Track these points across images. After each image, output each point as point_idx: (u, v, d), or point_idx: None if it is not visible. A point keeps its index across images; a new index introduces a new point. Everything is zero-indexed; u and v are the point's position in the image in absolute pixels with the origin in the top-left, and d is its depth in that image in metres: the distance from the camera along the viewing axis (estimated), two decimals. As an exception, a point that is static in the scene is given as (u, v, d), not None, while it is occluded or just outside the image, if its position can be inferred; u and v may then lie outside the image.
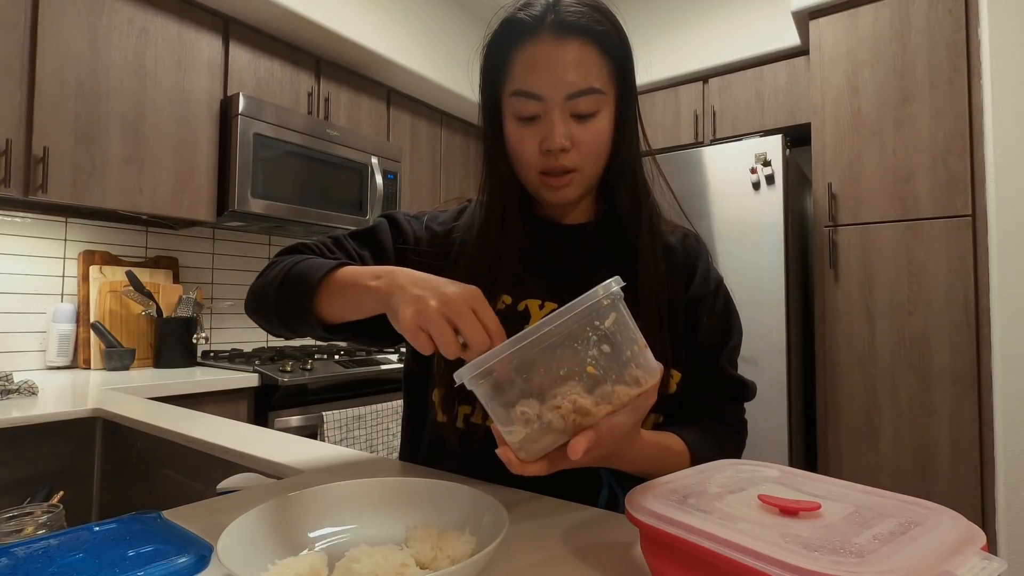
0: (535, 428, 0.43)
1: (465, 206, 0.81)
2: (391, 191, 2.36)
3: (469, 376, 0.43)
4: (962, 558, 0.29)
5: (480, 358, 0.42)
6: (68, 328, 1.79)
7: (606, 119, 0.66)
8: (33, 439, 1.10)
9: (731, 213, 2.20)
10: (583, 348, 0.43)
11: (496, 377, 0.43)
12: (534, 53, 0.64)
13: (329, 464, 0.73)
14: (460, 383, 0.43)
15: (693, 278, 0.73)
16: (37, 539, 0.44)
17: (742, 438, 0.74)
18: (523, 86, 0.64)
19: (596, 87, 0.64)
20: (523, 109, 0.65)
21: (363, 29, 2.22)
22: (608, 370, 0.44)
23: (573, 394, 0.43)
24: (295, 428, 1.71)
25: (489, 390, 0.44)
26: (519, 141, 0.67)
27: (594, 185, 0.72)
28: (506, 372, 0.43)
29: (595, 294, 0.43)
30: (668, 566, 0.38)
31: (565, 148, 0.64)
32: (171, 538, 0.45)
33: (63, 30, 1.58)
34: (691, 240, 0.78)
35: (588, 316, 0.43)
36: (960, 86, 1.87)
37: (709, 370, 0.71)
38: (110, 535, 0.46)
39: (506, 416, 0.44)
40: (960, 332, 1.83)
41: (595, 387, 0.43)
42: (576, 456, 0.42)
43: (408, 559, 0.41)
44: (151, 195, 1.76)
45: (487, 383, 0.43)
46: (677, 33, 2.65)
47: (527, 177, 0.69)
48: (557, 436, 0.44)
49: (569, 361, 0.43)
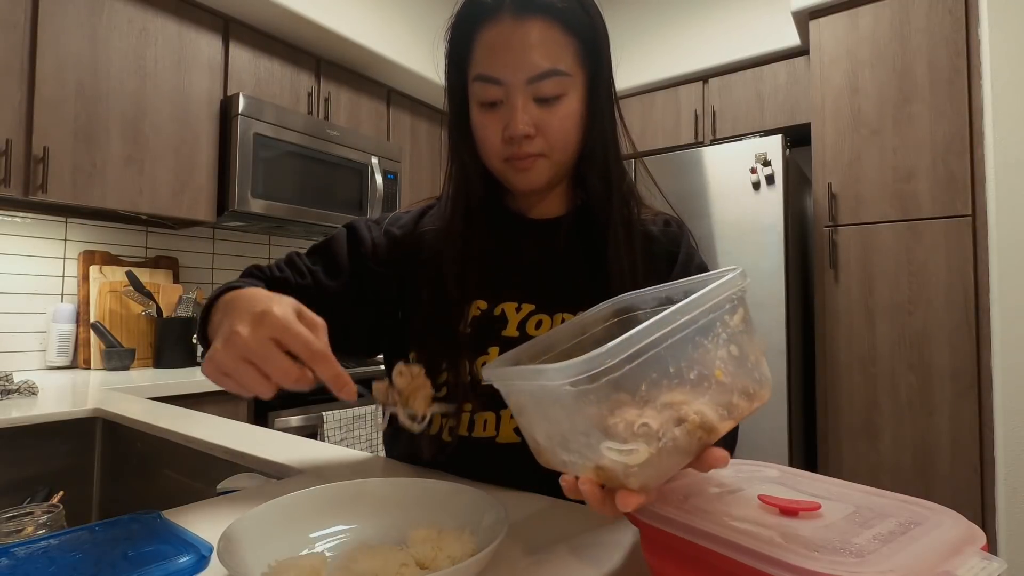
0: (662, 446, 0.33)
1: (431, 205, 0.78)
2: (391, 191, 2.36)
3: (579, 373, 0.32)
4: (962, 558, 0.29)
5: (596, 353, 0.31)
6: (68, 328, 1.79)
7: (574, 102, 0.63)
8: (33, 439, 1.10)
9: (731, 213, 2.20)
10: (713, 347, 0.35)
11: (617, 378, 0.32)
12: (494, 35, 0.61)
13: (329, 464, 0.73)
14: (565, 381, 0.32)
15: (674, 266, 0.70)
16: (37, 539, 0.44)
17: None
18: (484, 70, 0.62)
19: (560, 69, 0.61)
20: (485, 94, 0.63)
21: (363, 29, 2.22)
22: (736, 377, 0.36)
23: (697, 404, 0.34)
24: (295, 428, 1.71)
25: (604, 394, 0.32)
26: (483, 127, 0.64)
27: (565, 172, 0.69)
28: (628, 372, 0.32)
29: (731, 282, 0.35)
30: (668, 566, 0.38)
31: (529, 134, 0.62)
32: (171, 538, 0.45)
33: (63, 30, 1.58)
34: (673, 226, 0.74)
35: (721, 307, 0.35)
36: (960, 86, 1.87)
37: None
38: (110, 535, 0.46)
39: (617, 431, 0.33)
40: (960, 332, 1.83)
41: (719, 397, 0.35)
42: (722, 464, 0.34)
43: (408, 559, 0.41)
44: (151, 195, 1.76)
45: (604, 387, 0.32)
46: (677, 33, 2.65)
47: (492, 164, 0.67)
48: (681, 458, 0.34)
49: (700, 361, 0.34)
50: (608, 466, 0.33)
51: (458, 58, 0.66)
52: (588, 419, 0.33)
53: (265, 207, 1.94)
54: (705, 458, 0.35)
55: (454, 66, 0.67)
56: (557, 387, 0.33)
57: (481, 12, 0.62)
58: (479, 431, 0.66)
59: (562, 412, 0.35)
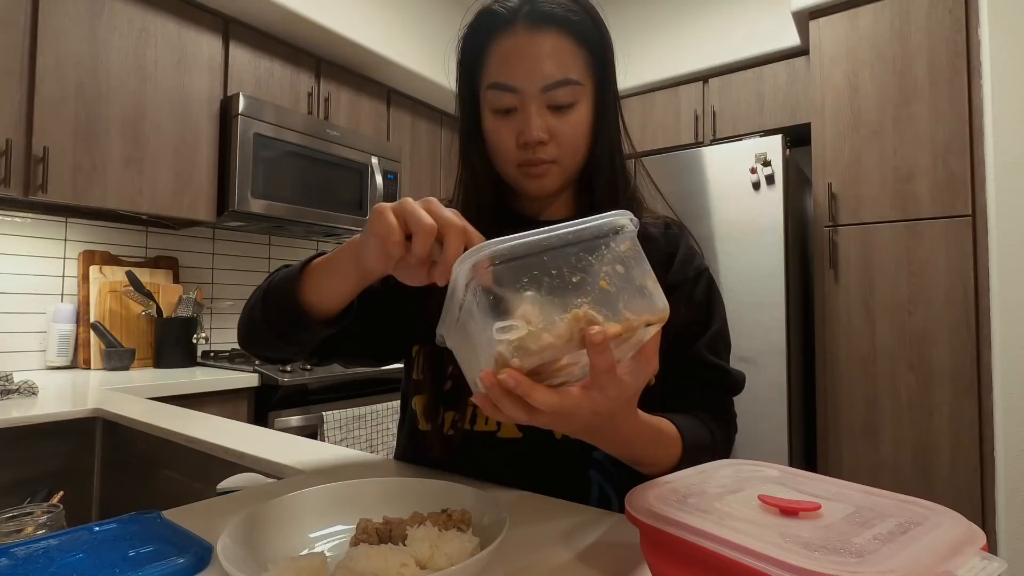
0: (538, 327, 0.37)
1: None
2: (391, 191, 2.36)
3: (473, 259, 0.37)
4: (962, 558, 0.29)
5: (488, 242, 0.38)
6: (68, 328, 1.79)
7: (584, 110, 0.65)
8: (33, 439, 1.10)
9: (731, 213, 2.20)
10: (597, 261, 0.39)
11: (499, 271, 0.37)
12: (509, 45, 0.63)
13: (329, 464, 0.73)
14: (455, 279, 0.38)
15: (671, 266, 0.71)
16: (37, 539, 0.44)
17: (730, 430, 0.69)
18: (499, 79, 0.64)
19: (573, 78, 0.63)
20: (499, 102, 0.64)
21: (363, 29, 2.22)
22: (621, 289, 0.39)
23: (583, 304, 0.38)
24: (295, 428, 1.71)
25: (490, 283, 0.37)
26: (496, 134, 0.66)
27: (573, 177, 0.71)
28: (512, 268, 0.37)
29: (615, 216, 0.40)
30: (668, 566, 0.38)
31: (543, 140, 0.64)
32: (171, 538, 0.45)
33: (63, 30, 1.58)
34: (673, 228, 0.75)
35: (605, 230, 0.40)
36: (960, 86, 1.87)
37: (685, 358, 0.67)
38: (110, 535, 0.46)
39: (501, 318, 0.37)
40: (960, 332, 1.83)
41: (605, 304, 0.39)
42: (599, 339, 0.37)
43: (408, 559, 0.41)
44: (151, 195, 1.76)
45: (489, 275, 0.37)
46: (677, 33, 2.65)
47: (505, 171, 0.68)
48: (560, 345, 0.38)
49: (583, 270, 0.39)
50: (500, 351, 0.37)
51: (471, 67, 0.68)
52: (487, 307, 0.37)
53: (265, 207, 1.94)
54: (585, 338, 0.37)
55: (466, 75, 0.69)
56: (465, 301, 0.38)
57: (495, 23, 0.64)
58: (480, 425, 0.68)
59: (473, 326, 0.39)
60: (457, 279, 0.39)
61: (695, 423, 0.63)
